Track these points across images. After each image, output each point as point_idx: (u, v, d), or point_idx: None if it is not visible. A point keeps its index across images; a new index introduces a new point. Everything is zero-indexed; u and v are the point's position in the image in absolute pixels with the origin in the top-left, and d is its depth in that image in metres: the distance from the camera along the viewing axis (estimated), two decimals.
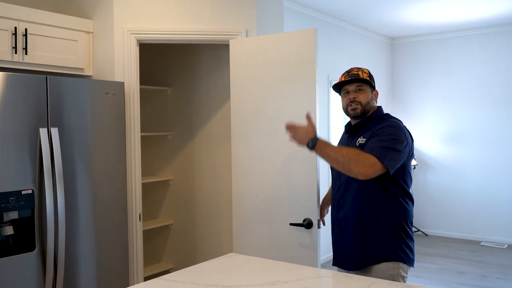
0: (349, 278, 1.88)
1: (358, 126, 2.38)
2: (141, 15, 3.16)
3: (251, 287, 1.79)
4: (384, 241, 2.25)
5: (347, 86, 2.39)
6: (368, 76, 2.38)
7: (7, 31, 2.81)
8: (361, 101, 2.34)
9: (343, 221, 2.36)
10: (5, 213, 2.44)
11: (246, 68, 3.04)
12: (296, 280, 1.86)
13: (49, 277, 2.58)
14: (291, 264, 2.08)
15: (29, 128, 2.54)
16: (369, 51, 7.01)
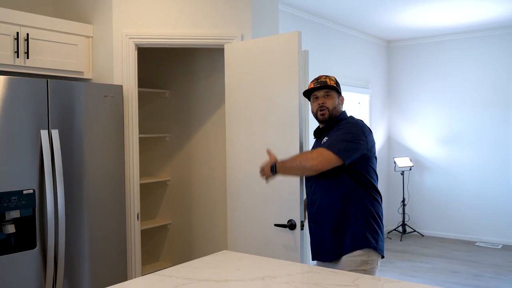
0: (335, 273, 1.97)
1: (324, 129, 2.60)
2: (139, 20, 3.26)
3: (242, 282, 1.88)
4: (354, 230, 2.42)
5: (316, 92, 2.61)
6: (335, 83, 2.60)
7: (9, 36, 2.90)
8: (329, 106, 2.56)
9: (316, 216, 2.54)
10: (7, 212, 2.53)
11: (239, 71, 3.14)
12: (285, 275, 1.95)
13: (49, 274, 2.67)
14: (281, 261, 2.17)
15: (31, 130, 2.63)
16: (366, 54, 7.11)
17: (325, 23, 6.08)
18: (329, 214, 2.47)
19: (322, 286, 1.79)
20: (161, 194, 4.30)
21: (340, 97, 2.64)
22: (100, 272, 2.96)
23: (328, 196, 2.48)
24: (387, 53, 7.71)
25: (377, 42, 7.37)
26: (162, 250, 4.31)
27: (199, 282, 1.88)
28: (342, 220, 2.44)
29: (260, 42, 3.07)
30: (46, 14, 3.48)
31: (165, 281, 1.89)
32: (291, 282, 1.85)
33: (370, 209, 2.46)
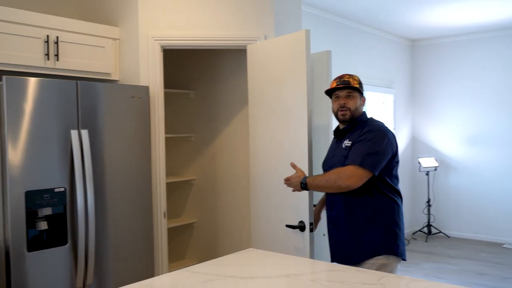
0: (360, 272, 1.98)
1: (345, 130, 2.58)
2: (164, 22, 3.32)
3: (267, 279, 1.91)
4: (374, 235, 2.41)
5: (338, 92, 2.58)
6: (358, 84, 2.57)
7: (40, 39, 2.99)
8: (350, 107, 2.53)
9: (336, 219, 2.53)
10: (40, 209, 2.61)
11: (259, 71, 3.18)
12: (310, 273, 1.97)
13: (80, 269, 2.75)
14: (306, 259, 2.20)
15: (61, 130, 2.71)
16: (390, 53, 7.06)
17: (348, 23, 6.07)
18: (349, 219, 2.46)
19: (347, 284, 1.80)
20: (186, 193, 4.36)
21: (362, 97, 2.61)
22: (128, 269, 3.03)
23: (348, 200, 2.45)
24: (411, 52, 7.65)
25: (401, 41, 7.31)
26: (188, 248, 4.37)
27: (226, 278, 1.92)
28: (362, 226, 2.43)
29: (274, 42, 3.09)
30: (75, 18, 3.57)
31: (193, 277, 1.93)
32: (316, 280, 1.88)
33: (391, 214, 2.44)
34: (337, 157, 2.52)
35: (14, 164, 2.52)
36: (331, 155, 2.64)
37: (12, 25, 2.86)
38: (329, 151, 2.71)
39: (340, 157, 2.48)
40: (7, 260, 2.51)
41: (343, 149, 2.49)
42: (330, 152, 2.68)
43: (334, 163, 2.52)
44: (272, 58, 3.07)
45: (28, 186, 2.56)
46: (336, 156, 2.54)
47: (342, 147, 2.50)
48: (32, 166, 2.58)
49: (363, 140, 2.41)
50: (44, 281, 2.61)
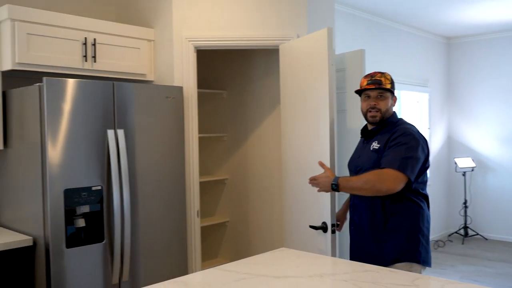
0: (393, 273, 1.96)
1: (373, 131, 2.47)
2: (198, 23, 3.36)
3: (300, 278, 1.91)
4: (397, 241, 2.32)
5: (368, 91, 2.46)
6: (390, 83, 2.45)
7: (78, 41, 3.07)
8: (381, 108, 2.43)
9: (358, 221, 2.46)
10: (78, 207, 2.68)
11: (289, 71, 3.18)
12: (343, 273, 1.97)
13: (116, 266, 2.81)
14: (339, 259, 2.19)
15: (98, 130, 2.78)
16: (424, 51, 6.94)
17: (382, 21, 6.00)
18: (371, 223, 2.39)
19: (380, 285, 1.79)
20: (219, 192, 4.40)
21: (393, 97, 2.50)
22: (162, 266, 3.08)
23: (371, 204, 2.38)
24: (447, 50, 7.49)
25: (435, 39, 7.17)
26: (221, 247, 4.40)
27: (258, 277, 1.93)
28: (384, 231, 2.35)
29: (302, 41, 3.09)
30: (111, 20, 3.66)
31: (225, 275, 1.95)
32: (349, 280, 1.87)
33: (414, 220, 2.34)
34: (364, 158, 2.44)
35: (54, 163, 2.59)
36: (356, 156, 2.55)
37: (52, 28, 2.95)
38: (355, 151, 2.62)
39: (367, 159, 2.40)
40: (47, 256, 2.59)
41: (370, 151, 2.40)
42: (356, 152, 2.59)
43: (360, 164, 2.45)
44: (300, 57, 3.08)
45: (66, 184, 2.64)
46: (363, 157, 2.46)
47: (370, 149, 2.41)
48: (70, 165, 2.66)
49: (398, 144, 2.30)
50: (81, 277, 2.69)
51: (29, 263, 2.69)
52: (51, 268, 2.58)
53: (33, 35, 2.88)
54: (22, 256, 2.65)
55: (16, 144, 2.85)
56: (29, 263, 2.68)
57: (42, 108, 2.60)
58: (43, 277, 2.62)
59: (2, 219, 3.01)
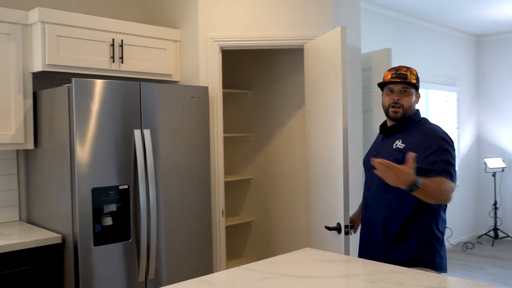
0: (420, 274, 1.93)
1: (394, 128, 2.35)
2: (223, 24, 3.37)
3: (325, 279, 1.90)
4: (410, 245, 2.22)
5: (392, 85, 2.33)
6: (416, 79, 2.33)
7: (106, 43, 3.12)
8: (404, 104, 2.30)
9: (369, 220, 2.36)
10: (105, 206, 2.73)
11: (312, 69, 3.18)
12: (368, 274, 1.95)
13: (142, 264, 2.85)
14: (365, 260, 2.17)
15: (125, 129, 2.82)
16: (453, 49, 6.81)
17: (409, 19, 5.91)
18: (384, 222, 2.28)
19: (405, 287, 1.77)
20: (244, 192, 4.41)
21: (417, 94, 2.37)
22: (187, 265, 3.11)
23: (387, 203, 2.27)
24: (476, 48, 7.34)
25: (465, 37, 7.03)
26: (245, 246, 4.42)
27: (283, 277, 1.93)
28: (398, 231, 2.24)
29: (323, 40, 3.07)
30: (138, 21, 3.71)
31: (250, 275, 1.96)
32: (374, 281, 1.85)
33: (430, 225, 2.23)
34: (384, 156, 2.24)
35: (82, 162, 2.65)
36: (374, 152, 2.39)
37: (80, 30, 3.01)
38: (372, 148, 2.48)
39: (388, 157, 2.19)
40: (76, 253, 2.64)
41: (393, 150, 2.26)
42: (374, 149, 2.45)
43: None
44: (319, 57, 3.09)
45: (94, 183, 2.69)
46: (383, 155, 2.27)
47: (393, 147, 2.28)
48: (98, 165, 2.70)
49: (441, 149, 2.16)
50: (109, 274, 2.73)
51: (59, 260, 2.75)
52: (79, 265, 2.63)
53: (63, 37, 2.94)
54: (51, 253, 2.71)
55: (46, 143, 2.92)
56: (58, 260, 2.75)
57: (70, 109, 2.65)
58: (72, 274, 2.67)
59: (32, 217, 3.08)
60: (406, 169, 2.02)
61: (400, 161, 2.14)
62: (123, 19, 3.62)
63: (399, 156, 2.21)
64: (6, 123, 2.86)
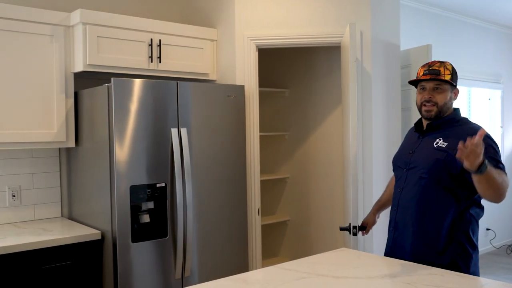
0: (460, 277, 1.88)
1: (433, 126, 2.22)
2: (260, 22, 3.37)
3: (361, 280, 1.87)
4: (445, 251, 2.11)
5: (424, 83, 2.21)
6: (451, 74, 2.17)
7: (144, 43, 3.18)
8: (438, 102, 2.17)
9: (400, 223, 2.24)
10: (143, 203, 2.78)
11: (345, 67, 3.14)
12: (405, 275, 1.91)
13: (179, 261, 2.88)
14: (401, 261, 2.12)
15: (162, 128, 2.86)
16: (497, 45, 6.59)
17: (450, 14, 5.76)
18: (417, 225, 2.16)
19: None
20: (280, 190, 4.40)
21: (454, 90, 2.21)
22: (223, 263, 3.12)
23: (420, 206, 2.16)
24: None
25: (509, 32, 6.79)
26: (281, 245, 4.41)
27: (318, 277, 1.91)
28: (430, 235, 2.14)
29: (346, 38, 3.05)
30: (176, 21, 3.75)
31: (285, 274, 1.95)
32: (412, 283, 1.81)
33: (468, 233, 2.12)
34: (422, 154, 2.17)
35: (120, 160, 2.70)
36: (408, 151, 2.27)
37: (120, 30, 3.07)
38: (405, 146, 2.33)
39: (429, 157, 2.13)
40: (114, 250, 2.70)
41: (434, 149, 2.13)
42: (408, 147, 2.30)
43: (416, 161, 2.19)
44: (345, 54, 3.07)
45: (132, 181, 2.74)
46: (420, 153, 2.19)
47: (433, 146, 2.15)
48: (136, 163, 2.75)
49: (490, 148, 2.02)
50: (146, 271, 2.78)
51: (98, 256, 2.81)
52: (118, 261, 2.68)
53: (103, 37, 3.00)
54: (91, 249, 2.78)
55: (87, 142, 3.00)
56: (98, 256, 2.81)
57: (110, 108, 2.71)
58: (111, 269, 2.73)
59: (74, 213, 3.17)
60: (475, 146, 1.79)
61: (442, 160, 2.08)
62: (161, 19, 3.68)
63: (441, 155, 2.10)
64: (49, 122, 2.95)
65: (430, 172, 2.12)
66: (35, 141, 2.91)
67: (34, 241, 2.58)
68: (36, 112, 2.91)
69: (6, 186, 3.10)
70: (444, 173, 2.09)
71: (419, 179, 2.15)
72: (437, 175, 2.10)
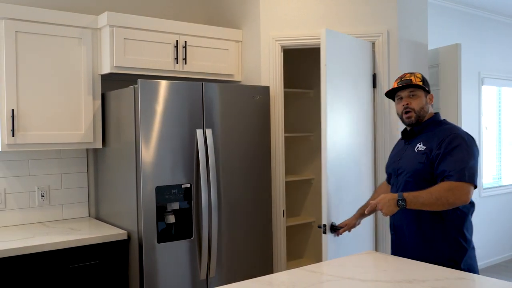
0: (491, 282, 1.83)
1: (415, 132, 2.39)
2: (285, 23, 3.36)
3: (388, 283, 1.84)
4: (441, 249, 2.24)
5: (400, 93, 2.41)
6: (422, 81, 2.37)
7: (170, 44, 3.20)
8: (414, 107, 2.35)
9: (398, 227, 2.39)
10: (169, 204, 2.79)
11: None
12: (434, 280, 1.87)
13: (203, 262, 2.89)
14: (429, 265, 2.08)
15: (188, 129, 2.87)
16: None
17: (479, 13, 5.63)
18: (414, 227, 2.31)
19: None
20: (305, 192, 4.37)
21: (428, 95, 2.41)
22: (248, 264, 3.12)
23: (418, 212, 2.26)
24: None
25: None
26: (306, 247, 4.37)
27: (344, 280, 1.89)
28: (428, 235, 2.27)
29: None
30: (201, 22, 3.76)
31: (310, 276, 1.93)
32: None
33: (462, 229, 2.25)
34: (407, 160, 2.35)
35: (146, 161, 2.72)
36: (397, 158, 2.46)
37: (146, 32, 3.10)
38: (394, 154, 2.53)
39: (413, 162, 2.31)
40: (140, 250, 2.72)
41: (416, 153, 2.31)
42: (396, 154, 2.49)
43: (403, 167, 2.36)
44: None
45: (158, 181, 2.75)
46: (405, 159, 2.37)
47: (415, 150, 2.32)
48: (161, 164, 2.77)
49: (457, 152, 2.19)
50: (171, 271, 2.79)
51: (124, 256, 2.84)
52: (144, 261, 2.71)
53: (129, 39, 3.04)
54: (118, 248, 2.81)
55: (113, 143, 3.03)
56: (124, 256, 2.84)
57: (136, 109, 2.73)
58: (137, 269, 2.76)
59: (101, 213, 3.21)
60: (379, 201, 2.18)
61: (423, 164, 2.25)
62: (186, 20, 3.70)
63: (421, 158, 2.27)
64: (77, 123, 3.00)
65: (414, 175, 2.29)
66: (64, 142, 2.96)
67: (62, 241, 2.63)
68: (64, 114, 2.96)
69: (36, 186, 3.16)
70: (427, 175, 2.25)
71: (406, 182, 2.32)
72: (420, 177, 2.26)
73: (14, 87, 2.80)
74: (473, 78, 5.57)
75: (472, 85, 5.56)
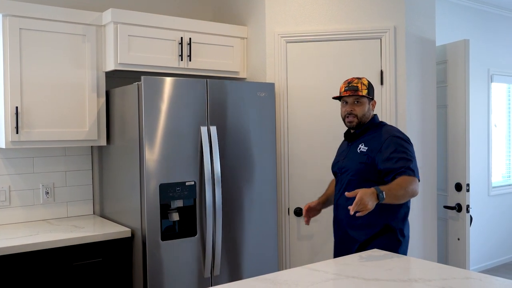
0: (499, 282, 1.79)
1: (356, 134, 2.58)
2: (291, 19, 3.32)
3: (393, 282, 1.81)
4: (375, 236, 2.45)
5: (346, 98, 2.56)
6: (367, 88, 2.54)
7: (175, 41, 3.18)
8: (358, 114, 2.53)
9: (341, 221, 2.56)
10: (172, 201, 2.78)
11: None
12: (440, 279, 1.83)
13: (208, 260, 2.87)
14: (435, 263, 2.05)
15: (192, 126, 2.85)
16: None
17: (487, 8, 5.56)
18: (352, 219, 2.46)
19: None
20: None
21: (372, 101, 2.58)
22: (253, 262, 3.09)
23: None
24: None
25: None
26: None
27: (348, 278, 1.86)
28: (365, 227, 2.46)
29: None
30: (206, 19, 3.75)
31: (314, 275, 1.91)
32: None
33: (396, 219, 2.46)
34: (350, 160, 2.53)
35: (150, 158, 2.70)
36: (341, 158, 2.63)
37: (150, 29, 3.08)
38: (338, 154, 2.70)
39: (355, 162, 2.49)
40: (144, 247, 2.71)
41: (358, 154, 2.49)
42: (340, 154, 2.67)
43: (346, 166, 2.54)
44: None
45: (162, 179, 2.74)
46: (348, 159, 2.55)
47: (357, 151, 2.51)
48: (165, 161, 2.75)
49: (398, 150, 2.39)
50: (175, 269, 2.78)
51: (128, 253, 2.83)
52: (147, 259, 2.69)
53: (134, 36, 3.02)
54: (121, 246, 2.80)
55: (118, 140, 3.02)
56: (128, 253, 2.83)
57: (140, 106, 2.72)
58: (140, 267, 2.74)
59: (105, 211, 3.20)
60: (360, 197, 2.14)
61: (365, 163, 2.45)
62: (191, 17, 3.68)
63: (363, 158, 2.47)
64: (81, 121, 2.99)
65: (356, 174, 2.48)
66: (68, 139, 2.95)
67: (66, 238, 2.62)
68: (69, 111, 2.95)
69: (40, 184, 3.16)
70: (369, 173, 2.44)
71: (349, 181, 2.50)
72: (362, 175, 2.45)
73: (18, 85, 2.79)
74: (482, 75, 5.50)
75: (482, 82, 5.49)
